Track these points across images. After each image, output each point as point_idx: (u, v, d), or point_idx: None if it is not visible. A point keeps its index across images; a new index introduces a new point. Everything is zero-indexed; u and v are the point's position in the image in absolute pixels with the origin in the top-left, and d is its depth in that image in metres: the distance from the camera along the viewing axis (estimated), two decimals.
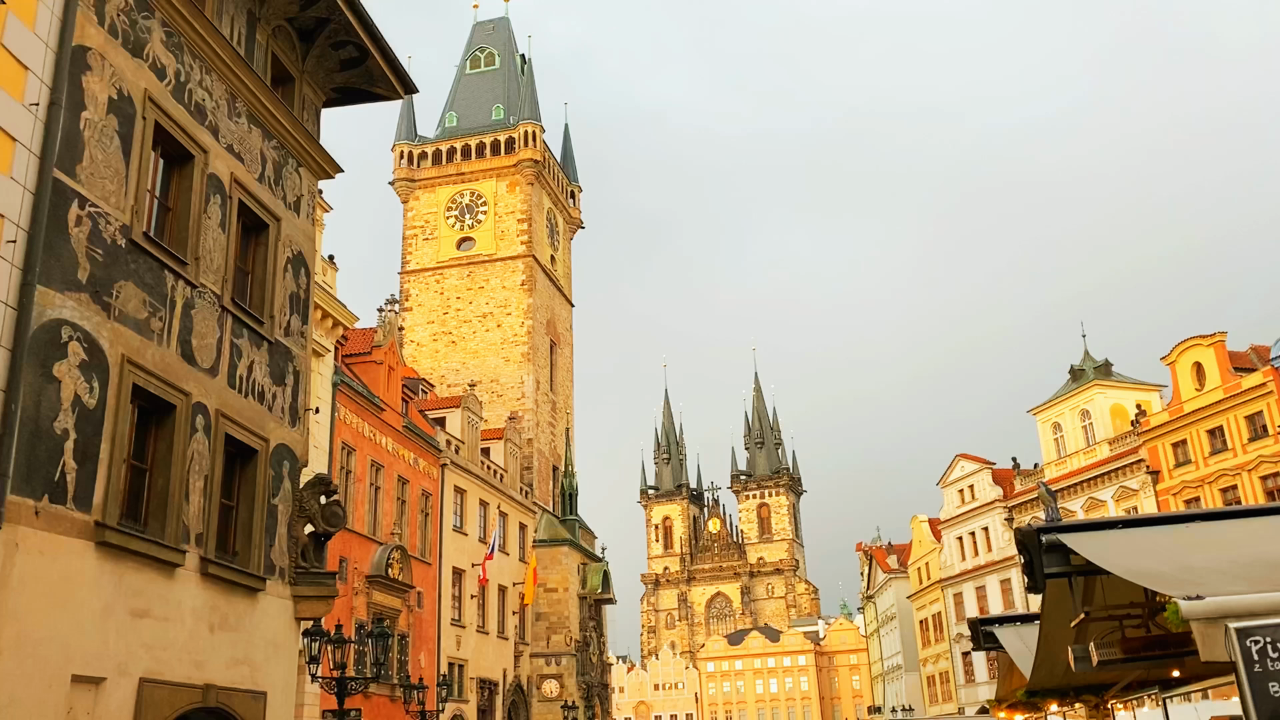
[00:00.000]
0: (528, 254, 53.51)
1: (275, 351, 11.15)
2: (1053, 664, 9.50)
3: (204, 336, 9.80)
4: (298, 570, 10.96)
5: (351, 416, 32.54)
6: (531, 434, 51.42)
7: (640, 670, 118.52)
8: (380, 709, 31.60)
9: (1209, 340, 39.72)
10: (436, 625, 37.55)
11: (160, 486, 9.02)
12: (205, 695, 9.08)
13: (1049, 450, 47.92)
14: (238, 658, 9.72)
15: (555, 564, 48.35)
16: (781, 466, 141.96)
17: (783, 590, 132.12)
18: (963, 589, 53.02)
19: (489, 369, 52.18)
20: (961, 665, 53.30)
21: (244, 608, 9.96)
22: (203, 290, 9.87)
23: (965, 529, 52.81)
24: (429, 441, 38.43)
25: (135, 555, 8.44)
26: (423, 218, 55.22)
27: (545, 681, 46.37)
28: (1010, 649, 12.67)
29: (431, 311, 53.83)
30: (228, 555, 10.03)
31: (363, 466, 33.11)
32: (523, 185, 54.55)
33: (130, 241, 8.85)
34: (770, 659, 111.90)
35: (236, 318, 10.38)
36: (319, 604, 11.02)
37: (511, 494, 45.77)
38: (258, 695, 9.95)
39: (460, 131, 56.83)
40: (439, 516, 38.83)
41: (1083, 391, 46.41)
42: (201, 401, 9.60)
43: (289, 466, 11.11)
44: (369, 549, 32.92)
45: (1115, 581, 7.65)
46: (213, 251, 10.09)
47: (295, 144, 11.94)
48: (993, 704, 17.75)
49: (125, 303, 8.70)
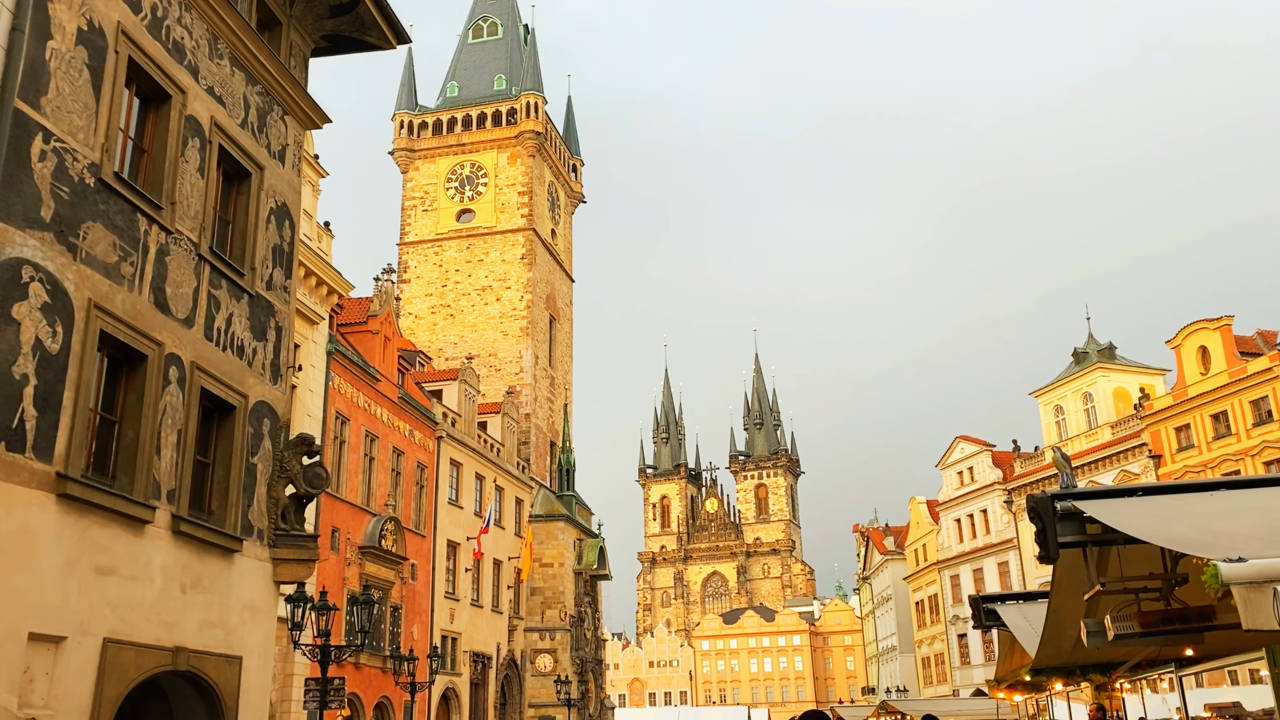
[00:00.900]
0: (528, 227, 52.95)
1: (256, 305, 10.70)
2: (1060, 640, 9.13)
3: (179, 285, 9.36)
4: (277, 532, 10.56)
5: (346, 386, 32.13)
6: (529, 409, 51.04)
7: (635, 648, 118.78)
8: (372, 680, 31.40)
9: (1215, 324, 39.26)
10: (430, 598, 37.31)
11: (130, 439, 8.60)
12: (175, 658, 8.69)
13: (1050, 433, 47.56)
14: (211, 620, 9.33)
15: (551, 539, 48.11)
16: (780, 447, 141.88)
17: (779, 570, 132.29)
18: (960, 571, 52.80)
19: (487, 343, 51.74)
20: (957, 647, 53.15)
21: (219, 569, 9.57)
22: (178, 237, 9.42)
23: (963, 511, 52.53)
24: (425, 413, 38.05)
25: (100, 509, 8.03)
26: (422, 189, 54.62)
27: (539, 656, 46.21)
28: (1013, 627, 12.30)
29: (430, 284, 53.33)
30: (202, 514, 9.63)
31: (356, 436, 32.74)
32: (524, 157, 53.91)
33: (100, 181, 8.40)
34: (765, 638, 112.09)
35: (215, 268, 9.93)
36: (299, 567, 10.63)
37: (508, 468, 45.44)
38: (232, 659, 9.58)
39: (461, 102, 56.13)
40: (434, 489, 38.50)
41: (1086, 374, 45.99)
42: (175, 353, 9.17)
43: (269, 425, 10.69)
44: (362, 519, 32.60)
45: (1132, 553, 7.25)
46: (190, 197, 9.62)
47: (281, 90, 11.45)
48: (992, 684, 17.43)
49: (93, 245, 8.25)
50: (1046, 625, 8.72)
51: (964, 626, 52.52)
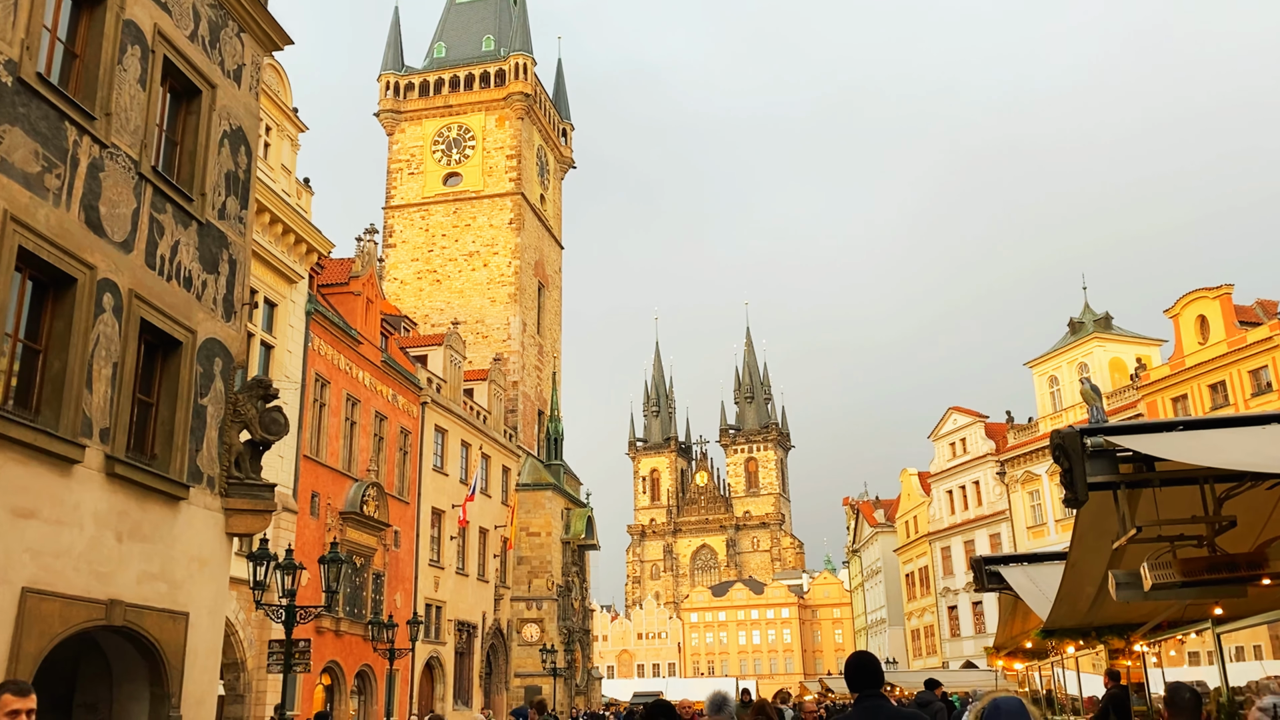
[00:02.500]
0: (516, 191, 51.89)
1: (207, 234, 9.83)
2: (1076, 599, 8.40)
3: (116, 205, 8.48)
4: (230, 480, 9.75)
5: (326, 348, 31.25)
6: (517, 377, 50.21)
7: (624, 620, 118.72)
8: (353, 647, 30.72)
9: (1215, 292, 38.57)
10: (414, 565, 36.61)
11: (56, 371, 7.77)
12: (109, 612, 7.90)
13: (1044, 404, 46.98)
14: (152, 572, 8.54)
15: (538, 508, 47.44)
16: (770, 421, 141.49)
17: (768, 544, 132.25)
18: (951, 543, 52.36)
19: (474, 309, 50.80)
20: (948, 619, 52.81)
21: (161, 517, 8.76)
22: (115, 152, 8.53)
23: (955, 482, 52.02)
24: (409, 378, 37.19)
25: (19, 445, 7.21)
26: (408, 151, 53.45)
27: (526, 626, 45.66)
28: (1019, 589, 11.58)
29: (416, 249, 52.29)
30: (143, 457, 8.81)
31: (337, 399, 31.89)
32: (512, 120, 52.75)
33: (19, 81, 7.50)
34: (754, 611, 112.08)
35: (158, 190, 9.05)
36: (254, 518, 9.83)
37: (495, 436, 44.66)
38: (177, 615, 8.79)
39: (449, 63, 54.86)
40: (418, 455, 37.71)
41: (1082, 344, 45.34)
42: (110, 278, 8.31)
43: (221, 364, 9.85)
44: (343, 484, 31.81)
45: (1170, 497, 6.47)
46: (129, 110, 8.73)
47: (235, 3, 10.52)
48: (990, 651, 16.79)
49: (11, 151, 7.37)
50: (1064, 580, 7.98)
51: (954, 599, 52.16)
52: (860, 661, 4.82)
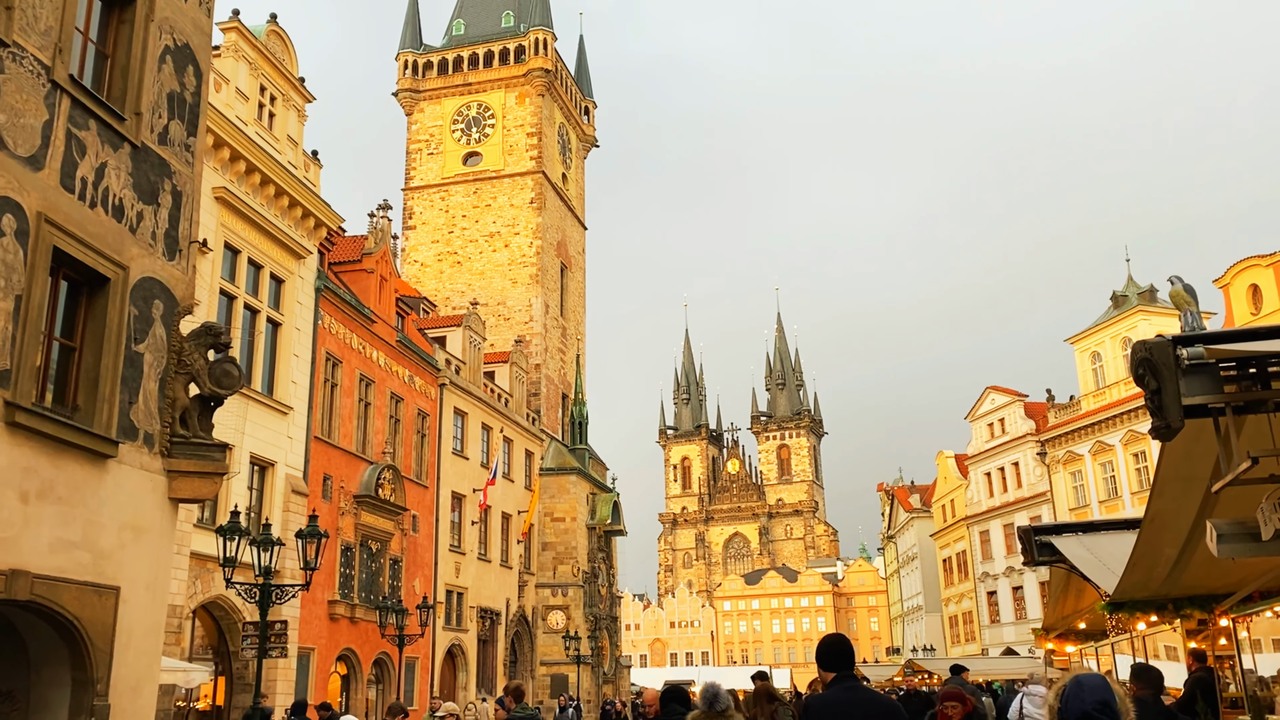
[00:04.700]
0: (537, 170, 50.68)
1: (143, 160, 8.66)
2: (1153, 563, 7.03)
3: (21, 115, 7.33)
4: (174, 439, 8.60)
5: (337, 326, 30.26)
6: (540, 359, 49.08)
7: (656, 608, 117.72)
8: (369, 635, 29.71)
9: (1268, 260, 36.50)
10: (434, 551, 35.64)
11: None
12: (10, 584, 6.76)
13: (1086, 381, 45.11)
14: (71, 540, 7.40)
15: (563, 493, 46.33)
16: (803, 408, 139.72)
17: (801, 532, 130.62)
18: (989, 526, 50.65)
19: (496, 291, 49.73)
20: (986, 605, 51.14)
21: (83, 476, 7.62)
22: (19, 53, 7.38)
23: (994, 464, 50.27)
24: (426, 359, 36.16)
25: None
26: (427, 131, 52.40)
27: (551, 613, 44.61)
28: (1076, 560, 10.19)
29: (436, 230, 51.28)
30: (63, 408, 7.68)
31: (350, 380, 30.91)
32: (533, 97, 51.52)
33: None
34: (787, 599, 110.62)
35: (79, 103, 7.88)
36: (202, 482, 8.68)
37: (517, 419, 43.58)
38: (104, 590, 7.65)
39: (468, 40, 53.71)
40: (437, 438, 36.70)
41: (1126, 318, 43.38)
42: (12, 196, 7.16)
43: (163, 308, 8.69)
44: (357, 467, 30.85)
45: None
46: (38, 8, 7.56)
47: None
48: (1039, 634, 15.38)
49: None
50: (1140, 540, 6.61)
51: (994, 583, 50.48)
52: (836, 643, 4.96)
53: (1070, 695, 3.25)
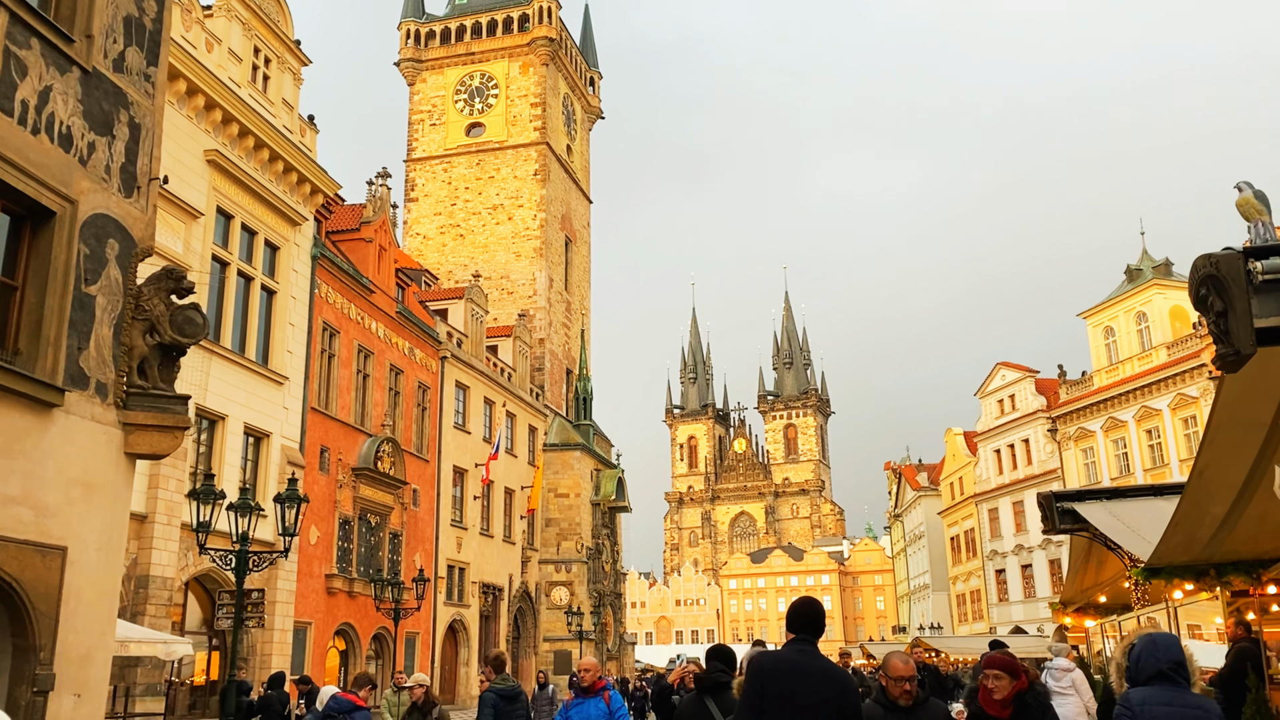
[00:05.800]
0: (541, 141, 49.84)
1: (96, 87, 7.98)
2: (1198, 523, 6.35)
3: None
4: (131, 390, 7.96)
5: (335, 295, 29.62)
6: (544, 334, 48.42)
7: (662, 586, 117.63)
8: (368, 610, 29.22)
9: None
10: (435, 525, 35.13)
11: None
12: None
13: (1099, 356, 44.34)
14: (9, 494, 6.78)
15: (567, 468, 45.79)
16: (810, 387, 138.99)
17: (808, 511, 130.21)
18: (998, 504, 50.01)
19: (499, 264, 49.01)
20: (995, 583, 50.56)
21: (25, 426, 6.99)
22: None
23: (1004, 441, 49.57)
24: (427, 331, 35.53)
25: None
26: (429, 102, 51.56)
27: (555, 589, 44.16)
28: (1104, 527, 9.52)
29: (439, 203, 50.53)
30: (3, 352, 7.04)
31: (348, 350, 30.30)
32: (536, 66, 50.61)
33: None
34: (793, 577, 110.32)
35: (19, 18, 7.19)
36: (161, 436, 8.05)
37: (520, 394, 42.98)
38: (48, 550, 7.04)
39: (471, 8, 52.76)
40: (438, 412, 36.12)
41: (1140, 291, 42.56)
42: None
43: (118, 248, 8.03)
44: (355, 439, 30.29)
45: None
46: None
47: None
48: (1056, 608, 14.72)
49: None
50: (1186, 497, 5.92)
51: (1002, 561, 49.89)
52: (806, 606, 4.80)
53: (1143, 653, 2.72)
